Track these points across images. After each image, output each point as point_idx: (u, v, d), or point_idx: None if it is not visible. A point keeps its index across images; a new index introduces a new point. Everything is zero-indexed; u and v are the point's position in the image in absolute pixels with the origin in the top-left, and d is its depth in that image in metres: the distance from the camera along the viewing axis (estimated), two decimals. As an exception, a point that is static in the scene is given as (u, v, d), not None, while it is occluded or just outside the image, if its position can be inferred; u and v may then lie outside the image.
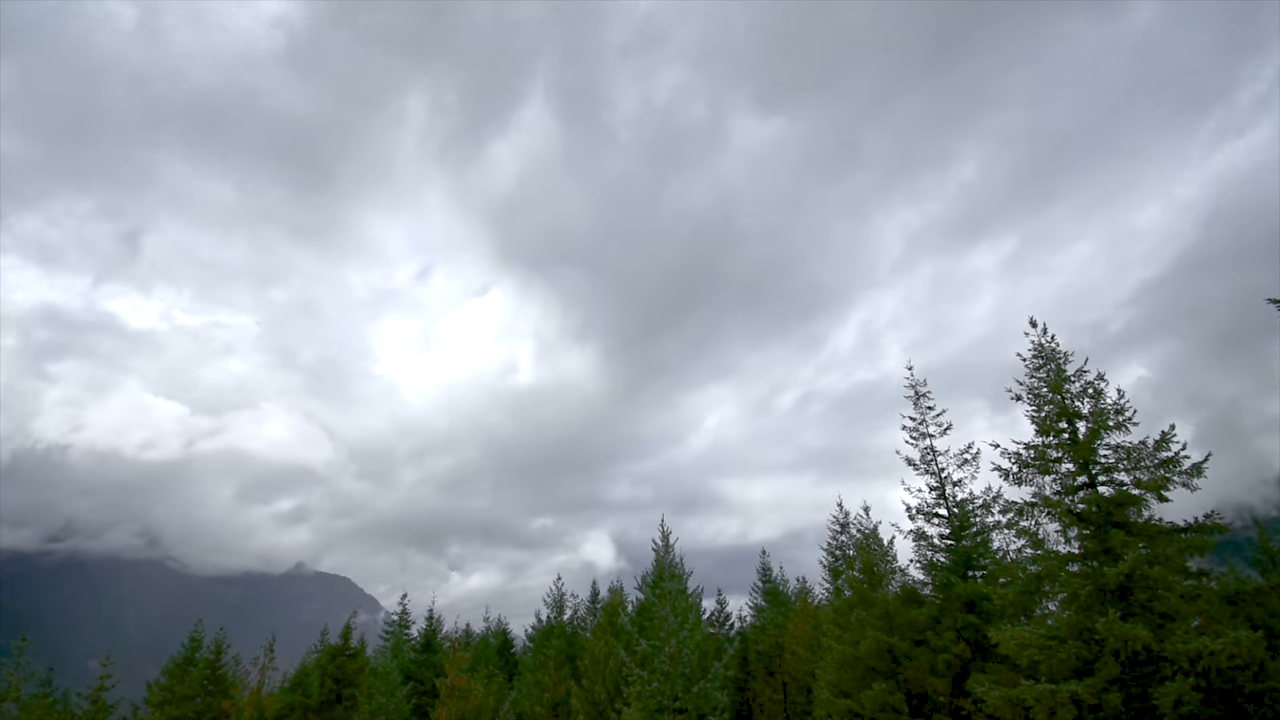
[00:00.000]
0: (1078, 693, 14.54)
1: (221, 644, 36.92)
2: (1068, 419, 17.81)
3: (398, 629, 43.00)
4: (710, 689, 20.31)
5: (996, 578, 22.00)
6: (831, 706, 22.87)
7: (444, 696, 26.71)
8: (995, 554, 23.29)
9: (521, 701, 33.16)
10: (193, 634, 37.04)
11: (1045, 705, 14.75)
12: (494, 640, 50.78)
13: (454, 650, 29.03)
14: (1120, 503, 16.68)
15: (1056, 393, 18.08)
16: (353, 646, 41.91)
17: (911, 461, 24.67)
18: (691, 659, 21.13)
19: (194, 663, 35.89)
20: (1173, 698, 13.42)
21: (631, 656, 22.37)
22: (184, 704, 34.00)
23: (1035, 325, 18.85)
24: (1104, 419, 17.19)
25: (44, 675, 30.51)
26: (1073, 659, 15.58)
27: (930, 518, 24.12)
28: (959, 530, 23.63)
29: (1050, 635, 16.03)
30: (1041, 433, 18.10)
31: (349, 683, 39.44)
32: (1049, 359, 18.49)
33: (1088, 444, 17.19)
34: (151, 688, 35.04)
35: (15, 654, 28.87)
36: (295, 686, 41.10)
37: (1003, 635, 16.42)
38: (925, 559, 23.97)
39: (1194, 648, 13.82)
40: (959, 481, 23.86)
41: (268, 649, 35.47)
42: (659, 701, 20.44)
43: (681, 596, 24.37)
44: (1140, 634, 14.18)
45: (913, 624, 22.55)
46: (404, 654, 40.75)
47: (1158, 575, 15.02)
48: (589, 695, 27.84)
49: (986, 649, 20.98)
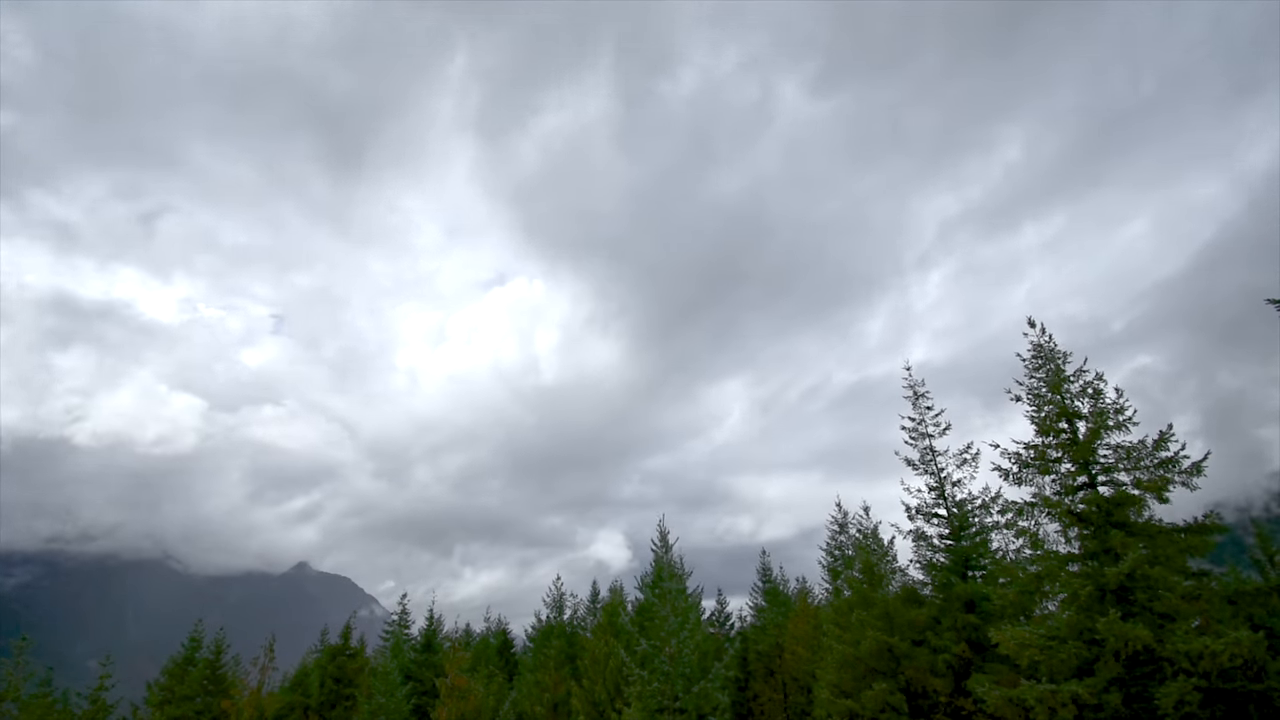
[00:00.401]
0: (1078, 693, 14.54)
1: (221, 644, 36.94)
2: (1067, 419, 17.81)
3: (398, 629, 43.00)
4: (710, 689, 20.30)
5: (996, 578, 21.99)
6: (832, 706, 22.87)
7: (444, 696, 26.70)
8: (995, 554, 23.29)
9: (522, 701, 33.15)
10: (193, 634, 37.06)
11: (1045, 705, 14.75)
12: (494, 640, 50.77)
13: (454, 650, 29.00)
14: (1120, 503, 16.68)
15: (1056, 393, 18.09)
16: (353, 646, 41.98)
17: (911, 462, 24.68)
18: (692, 659, 21.13)
19: (194, 663, 35.91)
20: (1173, 698, 13.42)
21: (632, 656, 22.37)
22: (184, 704, 34.02)
23: (1034, 325, 18.87)
24: (1104, 419, 17.19)
25: (44, 675, 30.49)
26: (1073, 659, 15.58)
27: (930, 518, 24.13)
28: (959, 530, 23.64)
29: (1050, 635, 16.04)
30: (1041, 433, 18.11)
31: (349, 683, 39.49)
32: (1048, 359, 18.49)
33: (1087, 444, 17.19)
34: (151, 688, 35.06)
35: (15, 654, 28.85)
36: (295, 686, 41.16)
37: (1003, 635, 16.42)
38: (925, 559, 23.99)
39: (1194, 648, 13.82)
40: (958, 481, 23.88)
41: (268, 649, 35.44)
42: (659, 701, 20.44)
43: (681, 596, 24.36)
44: (1140, 634, 14.18)
45: (913, 624, 22.55)
46: (404, 654, 40.75)
47: (1158, 575, 15.03)
48: (589, 695, 27.84)
49: (986, 649, 20.99)
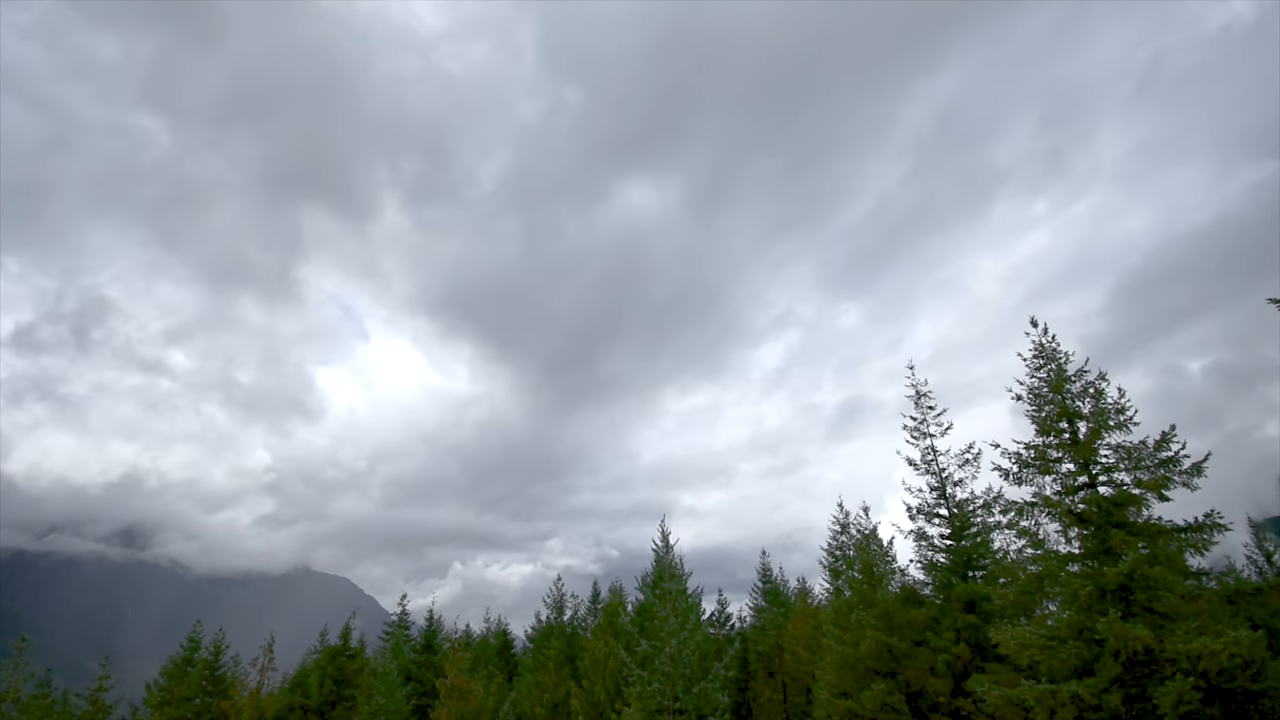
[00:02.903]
0: (1078, 693, 14.52)
1: (221, 645, 36.87)
2: (1068, 419, 17.79)
3: (397, 629, 42.97)
4: (710, 689, 20.27)
5: (996, 578, 21.97)
6: (831, 707, 22.84)
7: (444, 697, 26.68)
8: (995, 554, 23.27)
9: (521, 702, 33.12)
10: (192, 634, 36.99)
11: (1045, 705, 14.74)
12: (494, 641, 50.76)
13: (454, 651, 28.96)
14: (1120, 503, 16.67)
15: (1057, 393, 18.07)
16: (352, 647, 41.92)
17: (912, 461, 24.64)
18: (692, 659, 21.10)
19: (193, 663, 35.85)
20: (1173, 698, 13.40)
21: (632, 657, 22.34)
22: (183, 705, 33.97)
23: (1036, 325, 18.83)
24: (1104, 419, 17.17)
25: (43, 676, 30.44)
26: (1073, 659, 15.56)
27: (930, 518, 24.11)
28: (959, 530, 23.62)
29: (1050, 635, 16.02)
30: (1042, 433, 18.08)
31: (349, 683, 39.45)
32: (1049, 359, 18.47)
33: (1088, 444, 17.18)
34: (151, 688, 34.99)
35: (15, 654, 28.83)
36: (295, 687, 41.10)
37: (1003, 635, 16.40)
38: (925, 559, 23.97)
39: (1194, 648, 13.79)
40: (959, 481, 23.86)
41: (267, 650, 35.44)
42: (659, 702, 20.41)
43: (682, 597, 24.33)
44: (1140, 634, 14.17)
45: (913, 624, 22.53)
46: (404, 654, 40.70)
47: (1158, 575, 15.00)
48: (589, 696, 27.83)
49: (986, 649, 20.96)
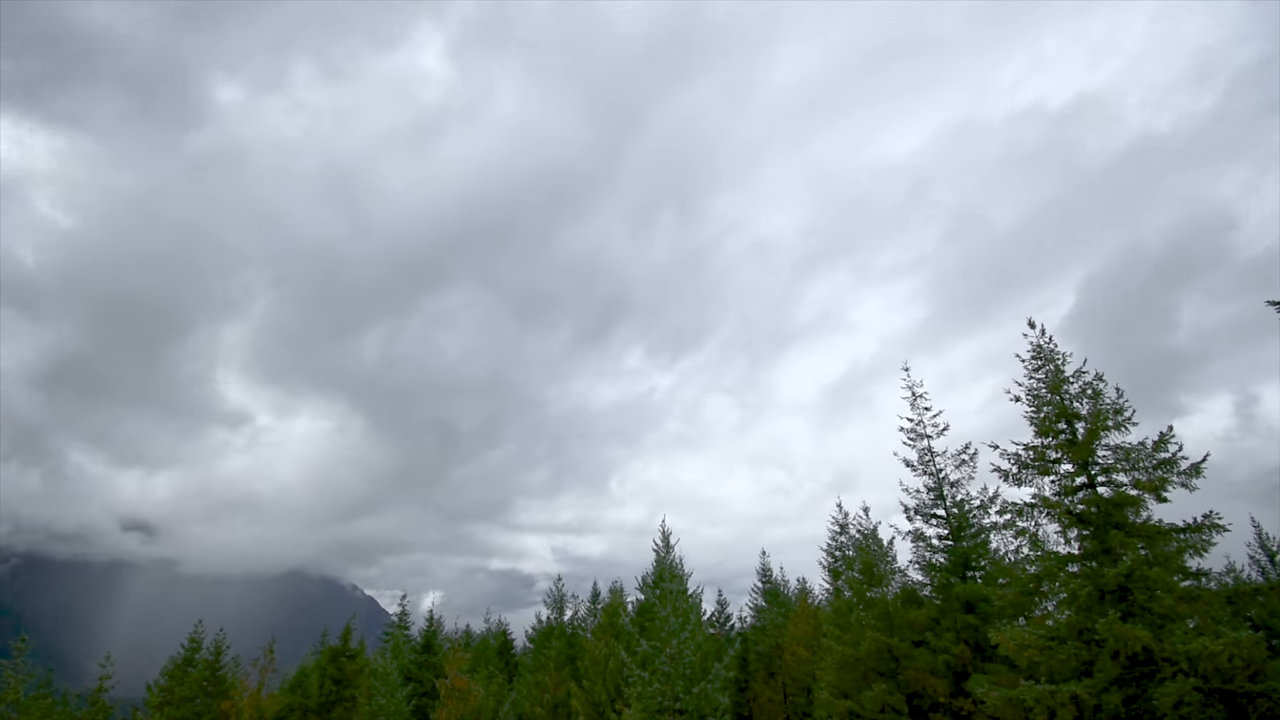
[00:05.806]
0: (1077, 693, 14.55)
1: (221, 645, 36.87)
2: (1066, 420, 17.82)
3: (397, 630, 43.00)
4: (711, 690, 20.29)
5: (995, 578, 22.00)
6: (831, 707, 22.88)
7: (444, 697, 26.69)
8: (994, 555, 23.30)
9: (522, 702, 33.15)
10: (192, 635, 36.95)
11: (1045, 706, 14.76)
12: (494, 641, 50.80)
13: (454, 651, 28.98)
14: (1119, 503, 16.69)
15: (1055, 393, 18.10)
16: (352, 648, 41.90)
17: (909, 462, 24.67)
18: (692, 660, 21.11)
19: (193, 664, 35.83)
20: (1173, 698, 13.43)
21: (632, 657, 22.36)
22: (183, 705, 33.96)
23: (1034, 326, 18.86)
24: (1103, 419, 17.19)
25: (43, 676, 30.42)
26: (1072, 659, 15.59)
27: (929, 518, 24.14)
28: (958, 531, 23.65)
29: (1050, 636, 16.05)
30: (1040, 433, 18.11)
31: (349, 684, 39.44)
32: (1047, 360, 18.50)
33: (1086, 445, 17.20)
34: (151, 689, 34.97)
35: (15, 655, 28.81)
36: (295, 687, 41.10)
37: (1002, 636, 16.43)
38: (924, 560, 24.00)
39: (1194, 648, 13.82)
40: (956, 482, 23.89)
41: (267, 650, 35.46)
42: (659, 702, 20.44)
43: (682, 597, 24.34)
44: (1140, 634, 14.19)
45: (912, 625, 22.57)
46: (404, 655, 40.75)
47: (1157, 576, 15.03)
48: (589, 696, 27.85)
49: (986, 649, 21.01)
